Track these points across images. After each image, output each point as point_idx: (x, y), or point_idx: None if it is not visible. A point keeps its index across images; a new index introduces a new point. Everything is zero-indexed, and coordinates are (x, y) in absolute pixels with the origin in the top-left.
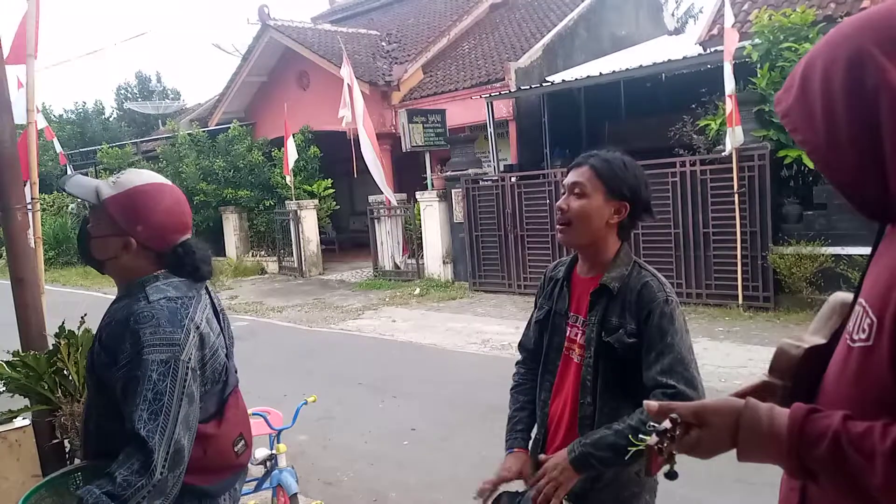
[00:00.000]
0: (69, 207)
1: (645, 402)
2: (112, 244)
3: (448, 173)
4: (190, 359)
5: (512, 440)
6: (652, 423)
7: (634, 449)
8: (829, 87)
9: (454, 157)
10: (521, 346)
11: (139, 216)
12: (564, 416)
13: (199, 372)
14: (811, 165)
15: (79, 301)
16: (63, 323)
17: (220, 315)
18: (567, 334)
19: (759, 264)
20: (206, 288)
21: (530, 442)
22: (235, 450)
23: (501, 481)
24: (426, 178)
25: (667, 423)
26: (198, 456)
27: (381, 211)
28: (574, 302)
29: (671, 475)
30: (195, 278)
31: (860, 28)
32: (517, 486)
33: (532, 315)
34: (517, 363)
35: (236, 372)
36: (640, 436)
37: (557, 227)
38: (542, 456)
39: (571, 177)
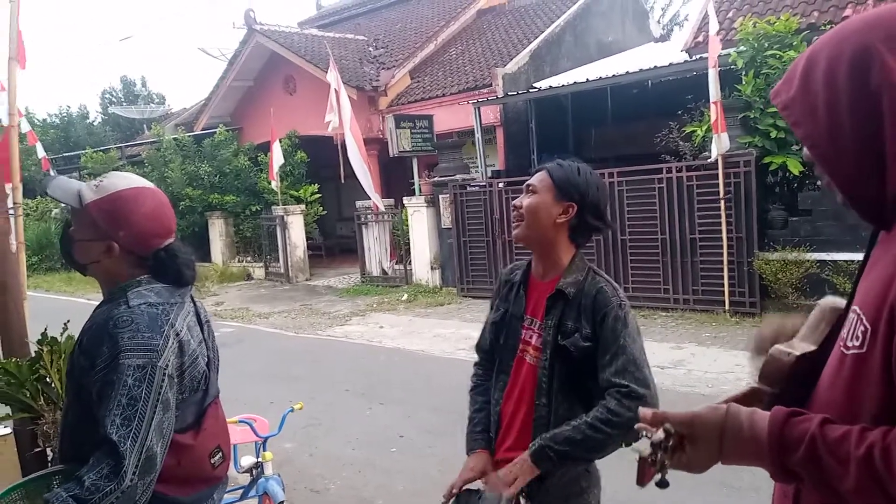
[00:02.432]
0: (53, 213)
1: (640, 409)
2: (94, 248)
3: (436, 179)
4: (167, 365)
5: (473, 441)
6: (646, 434)
7: (561, 432)
8: (833, 82)
9: (442, 162)
10: (478, 347)
11: (121, 221)
12: (517, 416)
13: (176, 379)
14: (796, 172)
15: (62, 307)
16: (45, 329)
17: (205, 325)
18: (521, 336)
19: (745, 270)
20: (192, 297)
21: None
22: (212, 462)
23: (466, 482)
24: (414, 184)
25: (660, 435)
26: (171, 465)
27: (369, 216)
28: (530, 305)
29: (662, 484)
30: (178, 283)
31: (869, 25)
32: (476, 484)
33: (488, 317)
34: (475, 364)
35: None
36: (634, 446)
37: (513, 224)
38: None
39: (530, 180)
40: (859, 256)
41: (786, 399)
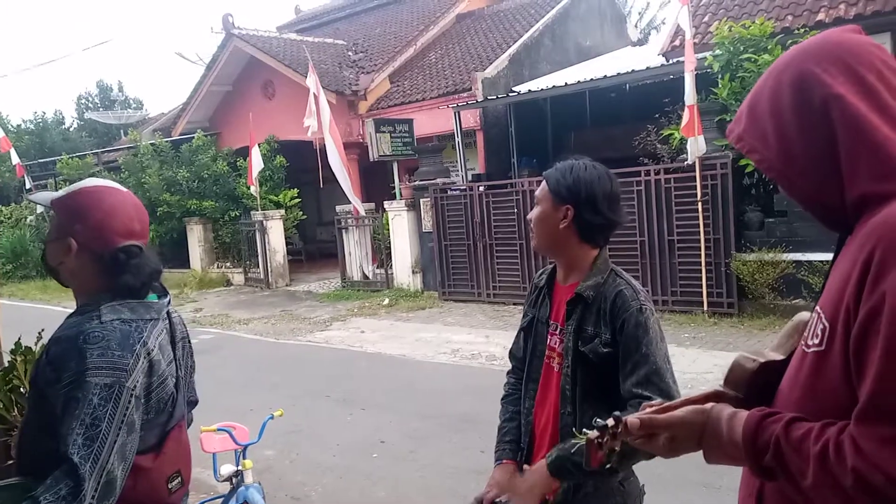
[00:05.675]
0: (28, 220)
1: (627, 418)
2: (59, 248)
3: (416, 183)
4: (136, 386)
5: (501, 451)
6: (596, 419)
7: (577, 442)
8: (778, 108)
9: (422, 166)
10: (511, 354)
11: (78, 215)
12: (548, 426)
13: (143, 400)
14: None
15: (37, 316)
16: (19, 339)
17: (179, 343)
18: (548, 342)
19: (723, 271)
20: (168, 313)
21: (519, 452)
22: (169, 487)
23: (490, 498)
24: (394, 188)
25: (609, 421)
26: (128, 487)
27: (349, 221)
28: (554, 310)
29: (610, 470)
30: (115, 290)
31: (799, 54)
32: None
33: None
34: (508, 372)
35: (196, 402)
36: (584, 430)
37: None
38: (525, 466)
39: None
40: None
41: (751, 404)
